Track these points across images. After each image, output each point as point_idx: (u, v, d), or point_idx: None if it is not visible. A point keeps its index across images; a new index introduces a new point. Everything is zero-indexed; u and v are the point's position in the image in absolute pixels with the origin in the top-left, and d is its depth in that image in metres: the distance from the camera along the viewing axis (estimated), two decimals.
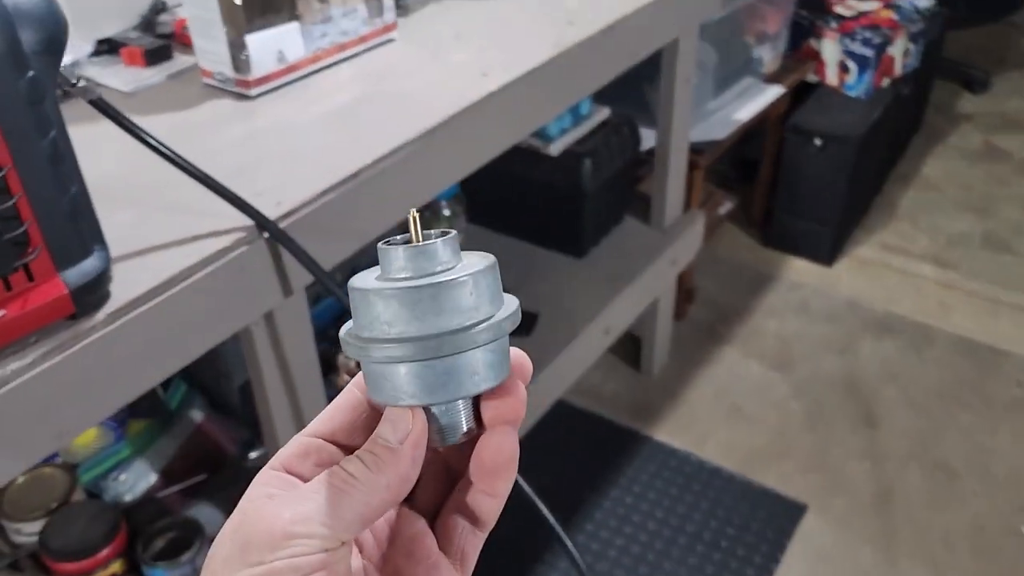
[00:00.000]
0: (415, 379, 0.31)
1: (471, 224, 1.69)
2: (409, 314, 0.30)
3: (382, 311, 0.30)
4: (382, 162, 0.93)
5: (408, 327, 0.30)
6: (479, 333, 0.31)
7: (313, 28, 1.09)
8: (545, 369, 1.40)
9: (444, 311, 0.30)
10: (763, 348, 2.00)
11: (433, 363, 0.31)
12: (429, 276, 0.31)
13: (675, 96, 1.53)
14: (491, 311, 0.32)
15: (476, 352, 0.31)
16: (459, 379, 0.31)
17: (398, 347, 0.30)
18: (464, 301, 0.31)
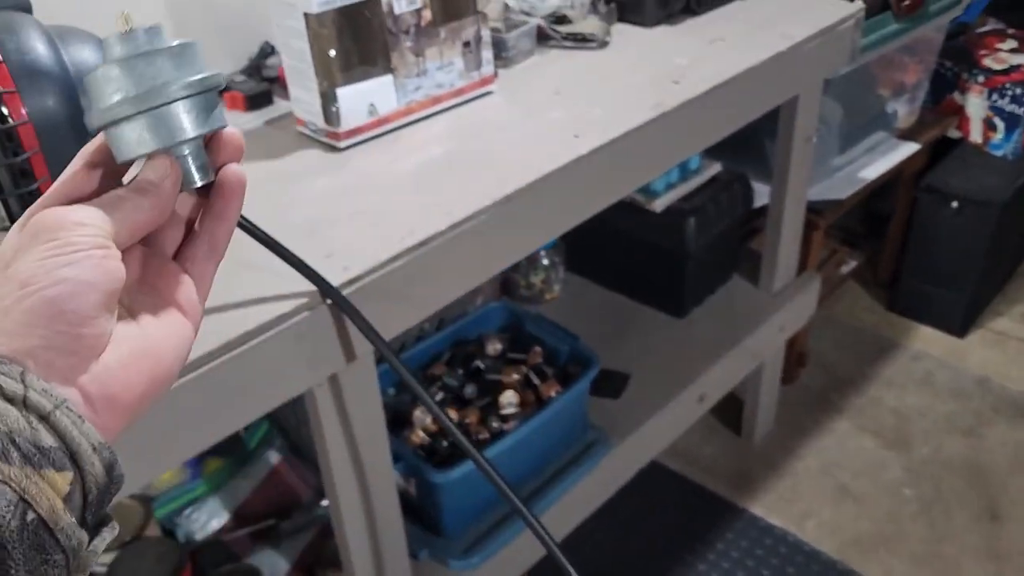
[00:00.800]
0: (144, 130, 0.39)
1: (569, 273, 1.65)
2: (129, 80, 0.39)
3: (113, 81, 0.39)
4: (457, 228, 0.90)
5: (130, 91, 0.39)
6: (179, 89, 0.39)
7: (407, 81, 1.07)
8: (631, 435, 1.34)
9: (156, 75, 0.39)
10: (879, 422, 1.86)
11: (153, 114, 0.39)
12: (141, 52, 0.39)
13: (792, 155, 1.45)
14: (192, 75, 0.39)
15: (180, 104, 0.39)
16: (173, 126, 0.39)
17: (128, 106, 0.38)
18: (166, 67, 0.39)
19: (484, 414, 1.21)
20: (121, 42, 0.39)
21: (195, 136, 0.40)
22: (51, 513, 0.32)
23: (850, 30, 1.37)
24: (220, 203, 0.43)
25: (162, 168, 0.40)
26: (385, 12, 1.03)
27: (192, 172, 0.41)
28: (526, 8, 1.28)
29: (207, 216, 0.43)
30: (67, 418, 0.34)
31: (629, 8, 1.33)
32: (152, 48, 0.39)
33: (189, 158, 0.41)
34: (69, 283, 0.35)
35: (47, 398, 0.34)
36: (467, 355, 1.30)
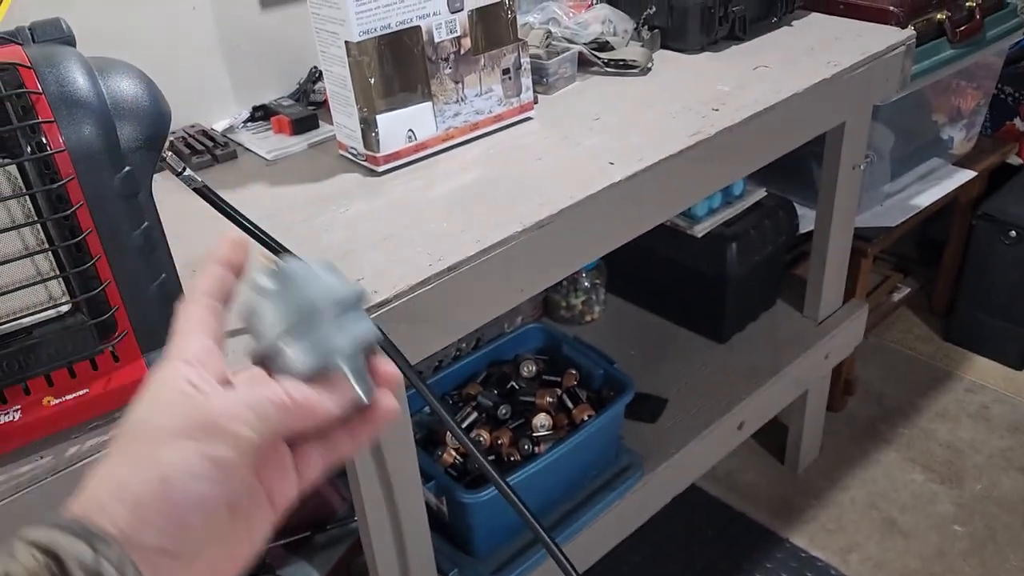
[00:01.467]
0: (302, 353, 0.42)
1: (611, 295, 1.65)
2: (283, 311, 0.43)
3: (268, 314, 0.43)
4: (487, 253, 0.91)
5: (285, 321, 0.42)
6: (329, 311, 0.42)
7: (446, 108, 1.09)
8: (667, 461, 1.33)
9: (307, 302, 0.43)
10: (929, 455, 1.82)
11: (309, 337, 0.42)
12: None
13: (839, 182, 1.43)
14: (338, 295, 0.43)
15: (331, 324, 0.42)
16: (329, 347, 0.42)
17: (286, 336, 0.42)
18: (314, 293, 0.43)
19: (517, 435, 1.22)
20: (268, 275, 0.43)
21: (350, 350, 0.42)
22: None
23: (900, 57, 1.35)
24: (358, 423, 0.44)
25: (334, 393, 0.41)
26: (425, 40, 1.05)
27: (354, 387, 0.42)
28: (568, 35, 1.30)
29: (339, 428, 0.43)
30: None
31: (672, 35, 1.34)
32: (299, 275, 0.43)
33: (348, 372, 0.42)
34: (209, 502, 0.37)
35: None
36: (502, 376, 1.32)
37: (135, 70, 0.68)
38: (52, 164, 0.62)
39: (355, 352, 0.42)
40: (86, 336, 0.67)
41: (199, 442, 0.37)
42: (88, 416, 0.70)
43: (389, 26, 1.01)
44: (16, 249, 0.64)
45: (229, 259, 0.45)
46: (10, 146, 0.61)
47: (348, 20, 0.98)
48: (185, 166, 0.74)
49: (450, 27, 1.06)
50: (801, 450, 1.77)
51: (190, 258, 0.75)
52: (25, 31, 0.66)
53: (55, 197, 0.62)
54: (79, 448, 0.69)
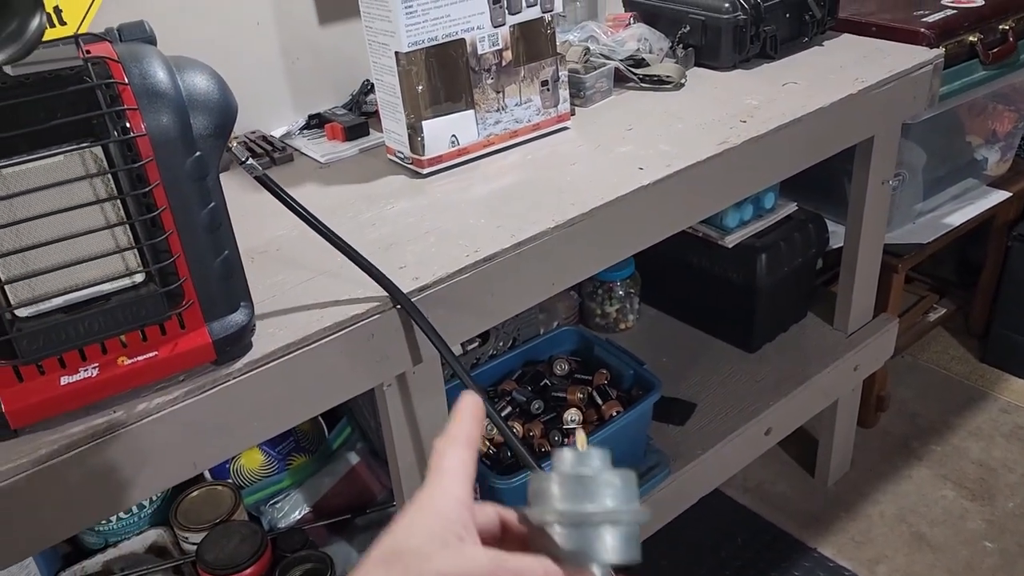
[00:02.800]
0: (571, 540, 0.43)
1: (644, 304, 1.70)
2: (572, 494, 0.44)
3: (557, 490, 0.44)
4: (521, 247, 0.98)
5: (567, 504, 0.44)
6: (608, 517, 0.44)
7: (488, 116, 1.17)
8: (693, 462, 1.38)
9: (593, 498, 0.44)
10: (961, 473, 1.83)
11: (580, 530, 0.43)
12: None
13: (868, 197, 1.47)
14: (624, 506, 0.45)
15: (606, 530, 0.43)
16: (595, 547, 0.43)
17: (561, 517, 0.44)
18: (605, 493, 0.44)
19: (548, 428, 1.27)
20: (574, 458, 0.45)
21: (608, 563, 0.43)
22: None
23: (928, 75, 1.40)
24: None
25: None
26: (469, 52, 1.13)
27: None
28: (606, 52, 1.37)
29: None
30: None
31: (706, 53, 1.40)
32: (602, 470, 0.45)
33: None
34: None
35: None
36: (536, 373, 1.38)
37: (207, 68, 0.77)
38: (134, 147, 0.70)
39: (611, 565, 0.44)
40: (157, 303, 0.75)
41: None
42: (156, 377, 0.78)
43: (436, 38, 1.09)
44: (99, 222, 0.72)
45: (476, 416, 0.48)
46: (98, 130, 0.70)
47: (399, 32, 1.07)
48: (248, 155, 0.82)
49: (493, 40, 1.14)
50: (832, 463, 1.80)
51: (249, 247, 0.83)
52: (114, 31, 0.75)
53: (135, 176, 0.71)
54: (147, 405, 0.77)
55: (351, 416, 1.41)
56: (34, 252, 0.71)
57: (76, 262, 0.72)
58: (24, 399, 0.73)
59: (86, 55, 0.69)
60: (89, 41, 0.73)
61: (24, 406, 0.73)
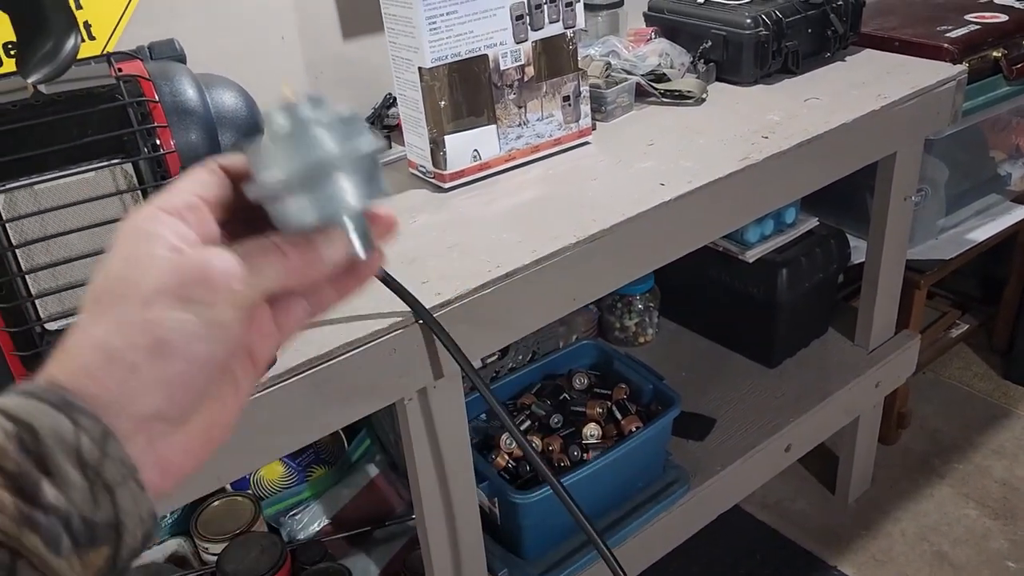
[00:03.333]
0: (307, 203, 0.39)
1: (664, 318, 1.70)
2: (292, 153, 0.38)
3: (275, 154, 0.38)
4: (542, 263, 0.98)
5: (292, 165, 0.38)
6: (342, 162, 0.39)
7: (509, 131, 1.18)
8: (712, 478, 1.37)
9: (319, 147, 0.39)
10: (984, 491, 1.81)
11: (315, 188, 0.38)
12: None
13: (890, 213, 1.46)
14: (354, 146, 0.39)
15: (343, 177, 0.39)
16: (336, 200, 0.39)
17: (290, 181, 0.38)
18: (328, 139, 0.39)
19: (567, 443, 1.27)
20: (284, 113, 0.39)
21: (358, 209, 0.39)
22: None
23: (951, 91, 1.39)
24: (344, 279, 0.42)
25: (338, 245, 0.39)
26: (492, 67, 1.13)
27: (355, 244, 0.40)
28: (627, 67, 1.37)
29: (326, 282, 0.42)
30: (129, 492, 0.34)
31: (727, 68, 1.40)
32: (316, 117, 0.39)
33: (351, 230, 0.40)
34: (206, 364, 0.36)
35: (120, 469, 0.33)
36: (555, 387, 1.38)
37: (235, 85, 0.78)
38: (163, 163, 0.71)
39: (363, 209, 0.40)
40: None
41: (194, 302, 0.35)
42: None
43: (459, 54, 1.10)
44: None
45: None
46: (128, 147, 0.71)
47: (422, 48, 1.07)
48: None
49: (515, 56, 1.15)
50: (852, 481, 1.78)
51: None
52: (145, 49, 0.76)
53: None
54: None
55: (370, 429, 1.42)
56: (64, 267, 0.72)
57: None
58: None
59: (118, 73, 0.71)
60: (121, 59, 0.74)
61: None
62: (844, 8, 1.42)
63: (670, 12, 1.47)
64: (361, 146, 0.39)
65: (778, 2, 1.39)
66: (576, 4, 1.17)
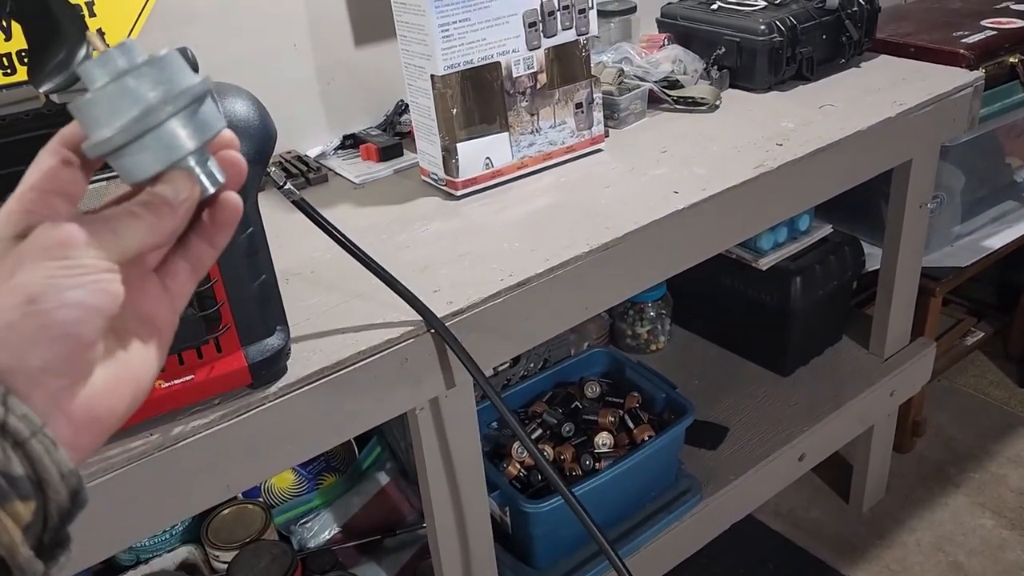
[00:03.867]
0: (143, 153, 0.38)
1: (676, 326, 1.69)
2: (116, 106, 0.38)
3: (100, 109, 0.38)
4: (554, 272, 0.97)
5: (119, 117, 0.38)
6: (167, 105, 0.38)
7: (522, 138, 1.17)
8: (725, 488, 1.36)
9: (142, 95, 0.38)
10: (1000, 501, 1.79)
11: (147, 136, 0.38)
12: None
13: (905, 220, 1.45)
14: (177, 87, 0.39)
15: (172, 121, 0.38)
16: (172, 144, 0.39)
17: (121, 135, 0.37)
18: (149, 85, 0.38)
19: (579, 452, 1.27)
20: (99, 66, 0.38)
21: (195, 149, 0.39)
22: (10, 548, 0.33)
23: (967, 98, 1.38)
24: (211, 229, 0.43)
25: (182, 186, 0.39)
26: (504, 75, 1.13)
27: (202, 181, 0.40)
28: (640, 73, 1.36)
29: (195, 237, 0.43)
30: (41, 445, 0.34)
31: (741, 74, 1.39)
32: (131, 66, 0.38)
33: (196, 169, 0.40)
34: (78, 308, 0.35)
35: (27, 424, 0.34)
36: (567, 396, 1.37)
37: (247, 93, 0.77)
38: None
39: (201, 147, 0.39)
40: (194, 327, 0.76)
41: (55, 260, 0.36)
42: (192, 400, 0.78)
43: (471, 61, 1.10)
44: None
45: None
46: None
47: (434, 55, 1.07)
48: (287, 180, 0.83)
49: (528, 63, 1.14)
50: (867, 489, 1.77)
51: (284, 267, 0.84)
52: None
53: None
54: (183, 428, 0.78)
55: (381, 435, 1.41)
56: None
57: None
58: None
59: None
60: None
61: None
62: (859, 14, 1.41)
63: (683, 18, 1.46)
64: (183, 83, 0.38)
65: (792, 8, 1.38)
66: (589, 11, 1.17)
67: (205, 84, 0.40)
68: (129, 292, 0.38)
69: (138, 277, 0.41)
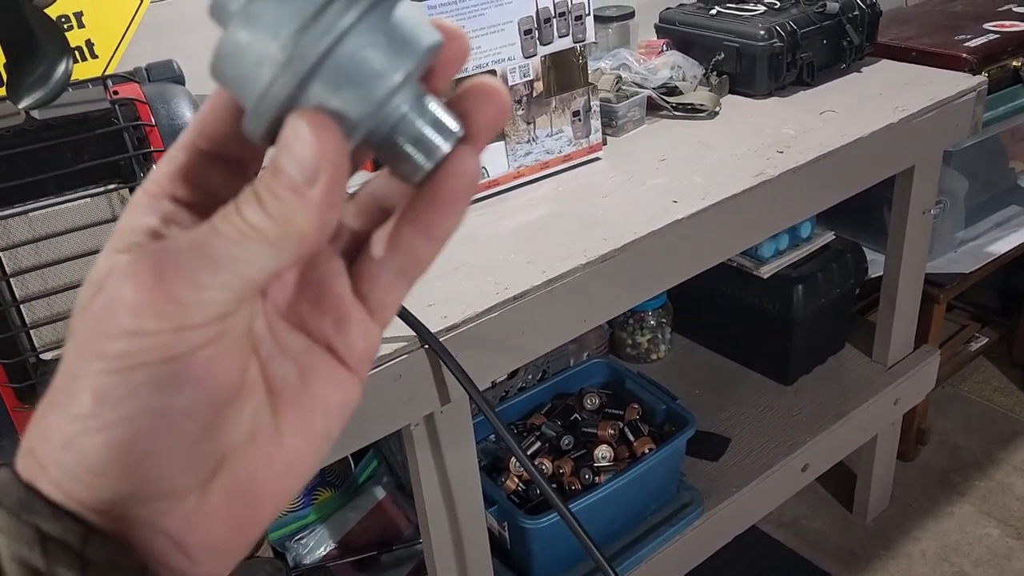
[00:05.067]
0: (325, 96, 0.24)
1: (676, 334, 1.67)
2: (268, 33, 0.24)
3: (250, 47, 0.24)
4: (551, 284, 0.95)
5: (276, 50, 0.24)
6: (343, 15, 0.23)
7: (518, 147, 1.15)
8: (728, 499, 1.34)
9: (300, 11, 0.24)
10: (1006, 510, 1.77)
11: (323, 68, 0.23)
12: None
13: (908, 226, 1.43)
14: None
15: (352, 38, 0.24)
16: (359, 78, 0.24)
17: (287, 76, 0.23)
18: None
19: (578, 465, 1.24)
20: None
21: (400, 82, 0.24)
22: None
23: (971, 103, 1.36)
24: (429, 211, 0.27)
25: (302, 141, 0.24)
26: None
27: (410, 153, 0.25)
28: (638, 80, 1.34)
29: (407, 225, 0.28)
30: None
31: (740, 80, 1.38)
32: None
33: (405, 124, 0.25)
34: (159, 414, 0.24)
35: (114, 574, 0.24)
36: (566, 407, 1.35)
37: None
38: None
39: (402, 91, 0.25)
40: None
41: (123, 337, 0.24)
42: None
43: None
44: None
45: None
46: (125, 172, 0.69)
47: None
48: None
49: (524, 71, 1.12)
50: (870, 499, 1.75)
51: None
52: (142, 71, 0.74)
53: None
54: None
55: (377, 450, 1.39)
56: (59, 295, 0.70)
57: None
58: None
59: (114, 97, 0.69)
60: (118, 82, 0.72)
61: None
62: (860, 18, 1.40)
63: (682, 24, 1.44)
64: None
65: (792, 13, 1.36)
66: (586, 18, 1.15)
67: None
68: (295, 307, 0.27)
69: (313, 287, 0.28)
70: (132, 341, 0.24)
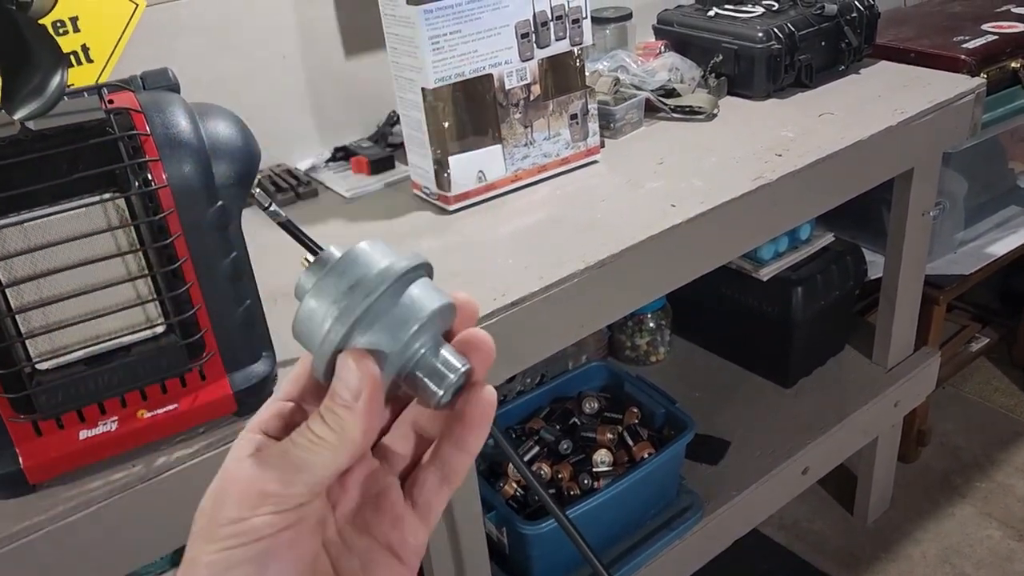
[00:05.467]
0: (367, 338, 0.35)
1: (676, 336, 1.67)
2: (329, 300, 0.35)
3: (316, 312, 0.35)
4: (549, 290, 0.95)
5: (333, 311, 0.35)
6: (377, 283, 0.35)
7: (516, 150, 1.15)
8: (728, 503, 1.34)
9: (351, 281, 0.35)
10: (1007, 511, 1.76)
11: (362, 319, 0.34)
12: None
13: (908, 228, 1.43)
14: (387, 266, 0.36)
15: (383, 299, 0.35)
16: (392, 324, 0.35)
17: (339, 325, 0.35)
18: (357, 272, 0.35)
19: (577, 470, 1.24)
20: (309, 274, 0.36)
21: (415, 330, 0.35)
22: None
23: (970, 105, 1.36)
24: (460, 429, 0.37)
25: (354, 380, 0.34)
26: (497, 87, 1.11)
27: (427, 383, 0.36)
28: (636, 82, 1.34)
29: (444, 441, 0.37)
30: None
31: (739, 82, 1.37)
32: (337, 264, 0.35)
33: (423, 360, 0.36)
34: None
35: None
36: (565, 411, 1.35)
37: (230, 114, 0.75)
38: (155, 198, 0.68)
39: (420, 337, 0.35)
40: (178, 355, 0.73)
41: (226, 526, 0.33)
42: (176, 430, 0.76)
43: (463, 74, 1.07)
44: (120, 274, 0.71)
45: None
46: (120, 181, 0.69)
47: (425, 68, 1.05)
48: (271, 201, 0.80)
49: (521, 75, 1.12)
50: (871, 501, 1.74)
51: (272, 287, 0.81)
52: (137, 79, 0.74)
53: (156, 228, 0.69)
54: (167, 459, 0.75)
55: None
56: (55, 305, 0.69)
57: (97, 314, 0.71)
58: (43, 454, 0.71)
59: (108, 106, 0.68)
60: (113, 90, 0.72)
61: (42, 461, 0.72)
62: (858, 20, 1.39)
63: (680, 25, 1.44)
64: (396, 264, 0.35)
65: (791, 15, 1.36)
66: (583, 21, 1.14)
67: (416, 259, 0.36)
68: (360, 509, 0.37)
69: (373, 492, 0.37)
70: (235, 526, 0.33)
